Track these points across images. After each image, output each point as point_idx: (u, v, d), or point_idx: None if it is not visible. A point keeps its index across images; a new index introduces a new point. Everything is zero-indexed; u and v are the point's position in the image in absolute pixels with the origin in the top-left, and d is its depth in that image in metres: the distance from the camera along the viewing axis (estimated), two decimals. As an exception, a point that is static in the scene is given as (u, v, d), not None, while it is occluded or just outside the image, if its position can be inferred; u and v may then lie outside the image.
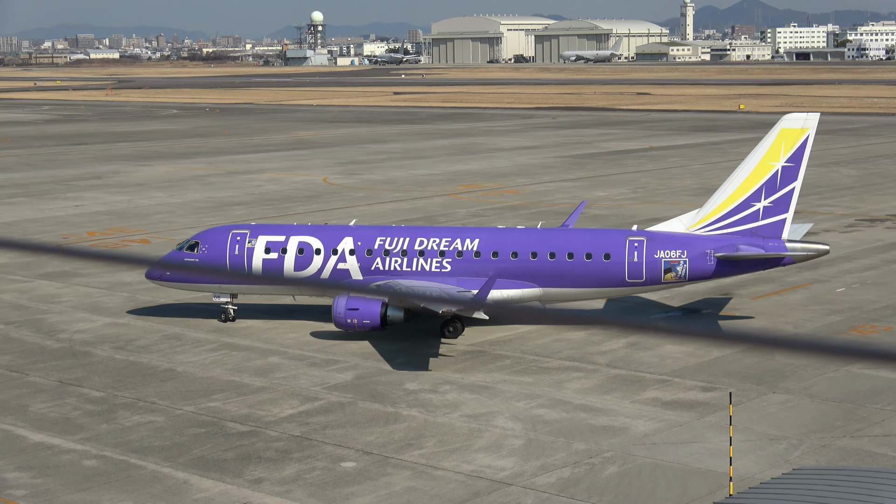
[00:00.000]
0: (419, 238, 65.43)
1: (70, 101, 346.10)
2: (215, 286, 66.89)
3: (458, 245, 64.68)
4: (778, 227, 63.95)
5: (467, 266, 64.32)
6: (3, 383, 56.25)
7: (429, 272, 64.61)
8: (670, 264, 63.14)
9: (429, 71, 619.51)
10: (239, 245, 66.25)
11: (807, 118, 64.43)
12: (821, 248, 65.50)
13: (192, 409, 51.98)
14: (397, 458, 45.69)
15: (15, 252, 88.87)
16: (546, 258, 63.96)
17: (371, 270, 65.00)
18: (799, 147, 64.07)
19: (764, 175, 64.09)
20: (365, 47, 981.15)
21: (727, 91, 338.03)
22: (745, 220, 64.05)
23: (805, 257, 65.25)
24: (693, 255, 63.24)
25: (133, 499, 42.11)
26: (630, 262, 63.25)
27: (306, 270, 65.67)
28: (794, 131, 64.16)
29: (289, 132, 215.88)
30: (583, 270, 63.66)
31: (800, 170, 64.01)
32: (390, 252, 65.06)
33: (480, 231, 69.13)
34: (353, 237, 65.98)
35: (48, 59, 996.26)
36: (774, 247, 63.55)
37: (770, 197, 63.90)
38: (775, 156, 64.09)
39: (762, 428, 48.48)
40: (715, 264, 63.42)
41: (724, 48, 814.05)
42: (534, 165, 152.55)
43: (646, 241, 63.68)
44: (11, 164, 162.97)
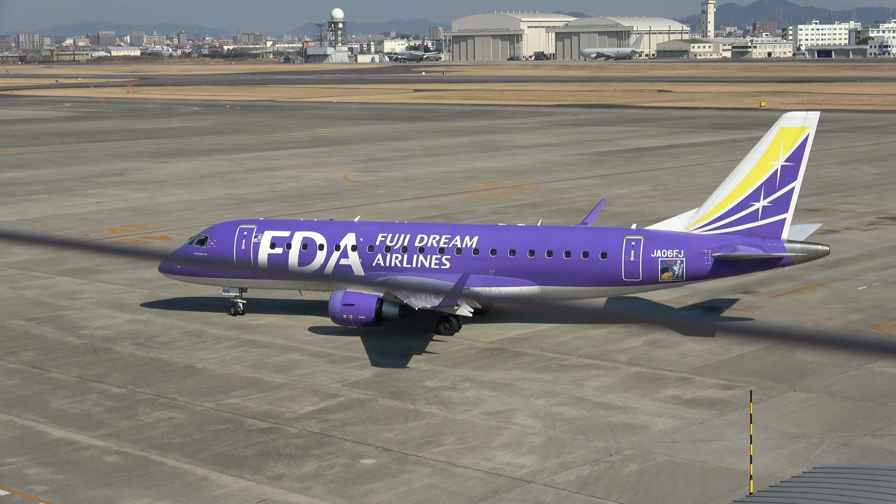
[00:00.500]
0: (420, 235, 65.83)
1: (91, 98, 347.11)
2: (223, 280, 68.03)
3: (458, 242, 65.06)
4: (777, 228, 63.01)
5: (466, 263, 64.59)
6: (24, 379, 56.47)
7: (428, 269, 65.01)
8: (667, 264, 62.62)
9: (449, 68, 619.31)
10: (245, 240, 67.29)
11: (806, 117, 63.16)
12: (820, 248, 64.23)
13: (213, 405, 52.10)
14: (417, 455, 45.70)
15: (37, 247, 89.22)
16: (543, 256, 63.97)
17: (372, 266, 65.52)
18: (798, 146, 62.91)
19: (763, 174, 63.05)
20: (385, 44, 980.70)
21: (748, 88, 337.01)
22: (745, 219, 63.13)
23: (804, 258, 64.10)
24: (690, 254, 62.60)
25: (153, 495, 42.22)
26: (627, 261, 62.91)
27: (310, 265, 66.29)
28: (793, 130, 62.98)
29: (309, 129, 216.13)
30: (579, 269, 63.51)
31: (800, 169, 62.99)
32: (391, 248, 65.57)
33: (480, 228, 69.07)
34: (356, 233, 66.63)
35: (70, 56, 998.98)
36: (773, 247, 62.58)
37: (769, 197, 62.96)
38: (774, 155, 63.02)
39: (782, 426, 48.35)
40: (712, 264, 62.63)
41: (745, 45, 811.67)
42: (554, 163, 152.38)
43: (643, 241, 63.21)
44: (34, 160, 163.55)
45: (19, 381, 56.26)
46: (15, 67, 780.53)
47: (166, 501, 41.65)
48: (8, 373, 57.67)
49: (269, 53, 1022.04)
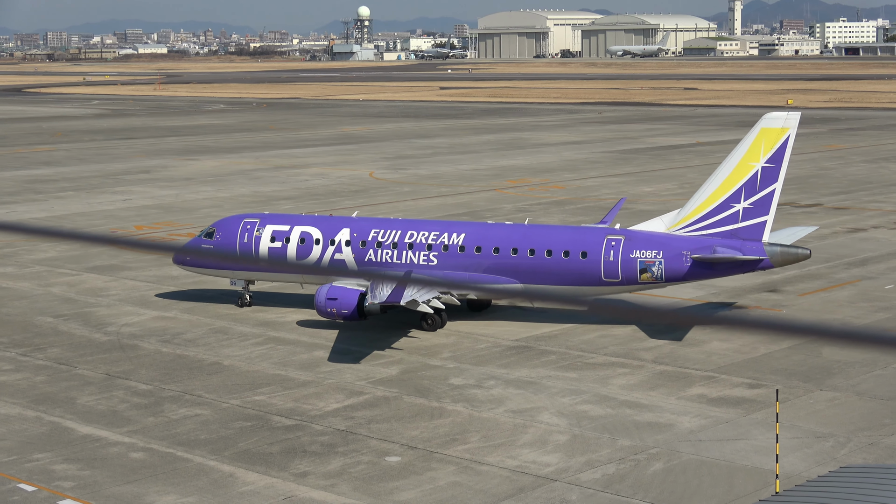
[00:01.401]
0: (410, 231, 66.59)
1: (118, 95, 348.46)
2: (229, 272, 70.00)
3: (445, 239, 65.63)
4: (758, 230, 61.77)
5: (452, 260, 65.20)
6: (51, 376, 56.74)
7: (417, 265, 65.73)
8: (645, 264, 62.08)
9: (475, 66, 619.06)
10: (248, 233, 68.97)
11: (787, 117, 61.92)
12: (800, 252, 62.72)
13: (238, 402, 52.23)
14: (442, 452, 45.72)
15: (64, 244, 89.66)
16: (526, 254, 64.06)
17: (364, 261, 66.51)
18: (779, 147, 61.62)
19: (743, 176, 61.78)
20: (411, 42, 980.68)
21: (775, 86, 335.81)
22: (725, 221, 62.03)
23: (784, 261, 62.86)
24: (668, 255, 61.94)
25: (179, 491, 42.36)
26: (606, 261, 62.60)
27: (307, 259, 67.78)
28: (773, 131, 61.69)
29: (335, 127, 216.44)
30: (560, 268, 63.45)
31: (780, 171, 61.74)
32: (382, 244, 66.46)
33: (467, 226, 69.36)
34: (350, 228, 67.79)
35: (97, 54, 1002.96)
36: (752, 249, 61.41)
37: (750, 198, 61.70)
38: (755, 156, 61.74)
39: (809, 425, 48.17)
40: (690, 265, 61.86)
41: (772, 43, 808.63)
42: (580, 160, 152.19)
43: (623, 241, 62.75)
44: (61, 158, 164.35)
45: (47, 377, 56.54)
46: (43, 65, 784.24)
47: (192, 498, 41.79)
48: (36, 369, 57.96)
49: (295, 51, 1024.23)
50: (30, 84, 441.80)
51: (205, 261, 69.79)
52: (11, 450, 46.61)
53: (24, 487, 42.82)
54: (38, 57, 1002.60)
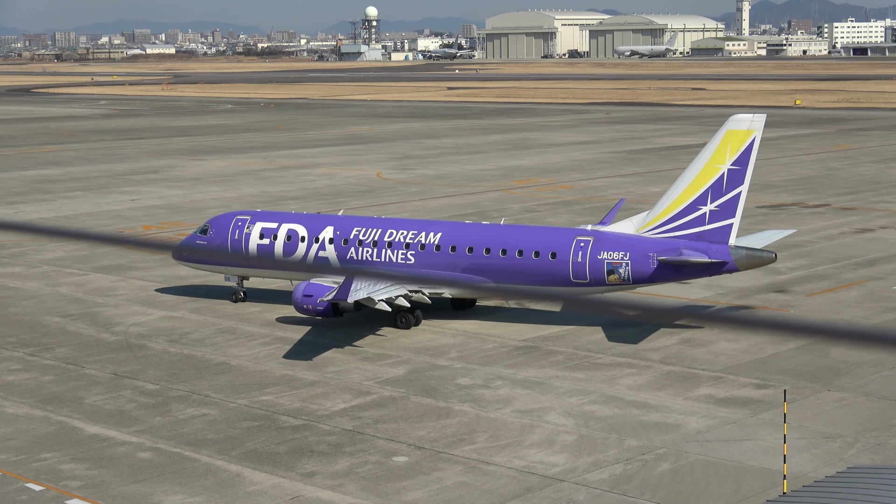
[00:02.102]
0: (390, 230, 67.32)
1: (126, 95, 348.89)
2: (222, 268, 71.14)
3: (422, 238, 66.24)
4: (724, 232, 61.28)
5: (427, 259, 65.80)
6: (59, 376, 56.82)
7: (395, 263, 66.48)
8: (613, 266, 62.01)
9: (483, 66, 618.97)
10: (239, 230, 70.18)
11: (753, 119, 61.30)
12: (765, 255, 62.20)
13: (246, 402, 52.26)
14: (449, 452, 45.71)
15: (71, 244, 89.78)
16: (498, 254, 64.37)
17: (346, 259, 67.36)
18: (745, 149, 61.04)
19: (710, 178, 61.29)
20: (419, 42, 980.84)
21: (783, 86, 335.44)
22: (692, 223, 61.66)
23: (749, 265, 62.37)
24: (635, 257, 61.77)
25: (186, 491, 42.40)
26: (574, 261, 62.64)
27: (293, 256, 68.71)
28: (739, 133, 61.12)
29: (343, 127, 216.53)
30: (530, 268, 63.65)
31: (746, 173, 61.15)
32: (363, 242, 67.27)
33: (444, 225, 69.91)
34: (334, 226, 68.65)
35: (105, 54, 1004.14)
36: (718, 252, 60.98)
37: (716, 201, 61.22)
38: (721, 158, 61.23)
39: (816, 426, 48.11)
40: (656, 267, 61.63)
41: (780, 43, 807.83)
42: (587, 161, 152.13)
43: (592, 242, 62.73)
44: (69, 158, 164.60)
45: (55, 377, 56.62)
46: (51, 65, 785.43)
47: (199, 497, 41.82)
48: (43, 369, 58.05)
49: (303, 51, 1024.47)
50: (38, 84, 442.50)
51: (199, 257, 70.64)
52: (19, 449, 46.69)
53: (32, 487, 42.89)
54: (47, 57, 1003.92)
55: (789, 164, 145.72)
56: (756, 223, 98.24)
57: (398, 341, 61.95)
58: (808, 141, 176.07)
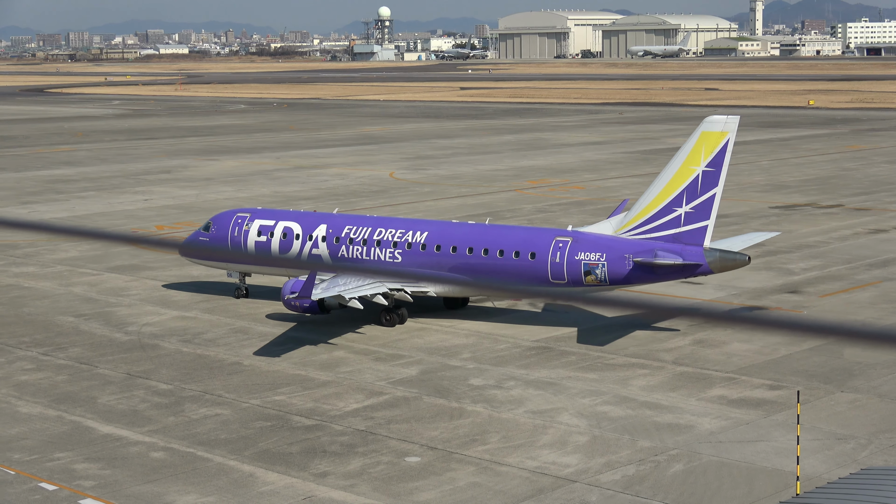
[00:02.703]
0: (379, 228, 68.18)
1: (140, 95, 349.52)
2: (223, 264, 72.18)
3: (409, 237, 66.95)
4: (699, 234, 60.97)
5: (414, 258, 66.40)
6: (72, 375, 56.94)
7: (383, 261, 67.35)
8: (589, 267, 61.92)
9: (495, 66, 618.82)
10: (238, 227, 71.46)
11: (727, 121, 60.95)
12: (738, 258, 61.83)
13: (258, 402, 52.32)
14: (461, 453, 45.71)
15: (85, 243, 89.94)
16: (480, 254, 64.75)
17: (338, 257, 68.44)
18: (719, 151, 60.72)
19: (685, 179, 60.99)
20: (432, 42, 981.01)
21: (796, 87, 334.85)
22: (668, 225, 61.35)
23: (723, 267, 61.95)
24: (611, 258, 61.64)
25: (199, 491, 42.45)
26: (552, 262, 62.73)
27: (288, 253, 69.92)
28: (714, 135, 60.76)
29: (355, 127, 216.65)
30: (511, 268, 63.89)
31: (720, 175, 60.86)
32: (353, 241, 68.17)
33: (431, 224, 70.49)
34: (327, 224, 69.62)
35: (119, 54, 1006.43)
36: (692, 255, 60.76)
37: (691, 202, 60.94)
38: (696, 160, 60.92)
39: (830, 427, 48.00)
40: (631, 269, 61.46)
41: (793, 43, 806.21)
42: (600, 161, 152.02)
43: (570, 243, 62.76)
44: (82, 158, 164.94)
45: (68, 376, 56.75)
46: (65, 65, 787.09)
47: (212, 497, 41.87)
48: (57, 368, 58.19)
49: (316, 51, 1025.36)
50: (52, 84, 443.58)
51: (202, 254, 72.48)
52: (33, 449, 46.80)
53: (46, 486, 42.98)
54: (60, 57, 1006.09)
55: (802, 164, 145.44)
56: (769, 223, 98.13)
57: (411, 342, 61.99)
58: (822, 141, 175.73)
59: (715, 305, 69.90)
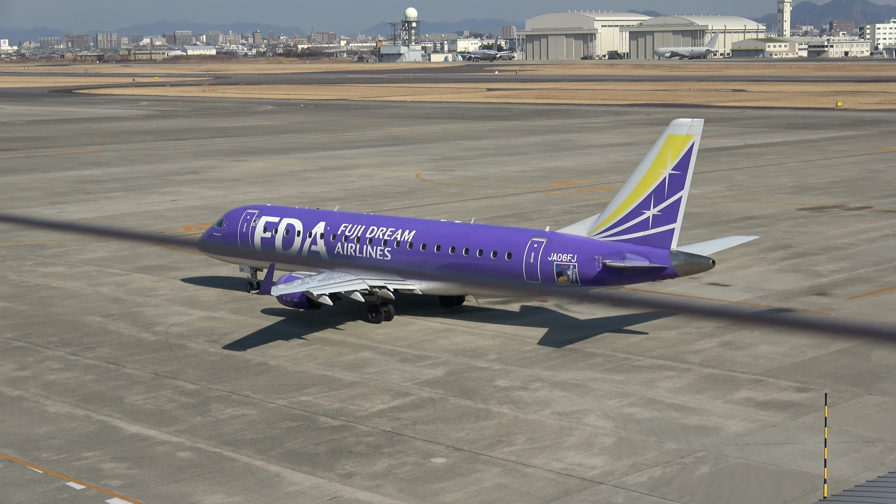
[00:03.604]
0: (371, 226, 69.40)
1: (168, 97, 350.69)
2: (235, 259, 74.87)
3: (398, 236, 68.06)
4: (666, 237, 61.05)
5: (402, 256, 67.59)
6: (100, 375, 57.18)
7: (374, 259, 68.87)
8: (561, 268, 62.19)
9: (522, 67, 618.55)
10: (247, 223, 73.33)
11: (692, 124, 61.31)
12: (702, 261, 61.58)
13: (285, 402, 52.41)
14: (487, 454, 45.68)
15: (113, 244, 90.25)
16: (462, 253, 65.52)
17: (334, 253, 69.66)
18: (685, 154, 61.07)
19: (653, 182, 61.25)
20: (458, 44, 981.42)
21: (824, 88, 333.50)
22: (637, 227, 61.51)
23: (688, 270, 61.99)
24: (582, 259, 61.89)
25: (226, 491, 42.55)
26: (527, 262, 63.21)
27: (290, 249, 71.39)
28: (679, 138, 61.16)
29: (382, 128, 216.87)
30: (489, 267, 64.60)
31: (686, 178, 61.14)
32: (348, 238, 69.45)
33: (419, 223, 71.36)
34: (325, 222, 71.09)
35: (147, 55, 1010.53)
36: (658, 257, 60.82)
37: (659, 205, 61.11)
38: (663, 163, 61.25)
39: (857, 430, 47.77)
40: (600, 271, 61.55)
41: (821, 44, 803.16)
42: (627, 162, 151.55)
43: (544, 244, 63.17)
44: (111, 158, 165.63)
45: (96, 376, 56.99)
46: (93, 66, 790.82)
47: (238, 497, 41.97)
48: (85, 368, 58.44)
49: (342, 53, 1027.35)
50: (80, 85, 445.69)
51: (216, 249, 75.28)
52: (61, 448, 47.01)
53: (73, 486, 43.17)
54: (89, 58, 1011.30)
55: (830, 166, 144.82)
56: (797, 225, 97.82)
57: (437, 343, 62.02)
58: (850, 143, 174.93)
59: (742, 307, 69.69)
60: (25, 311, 71.38)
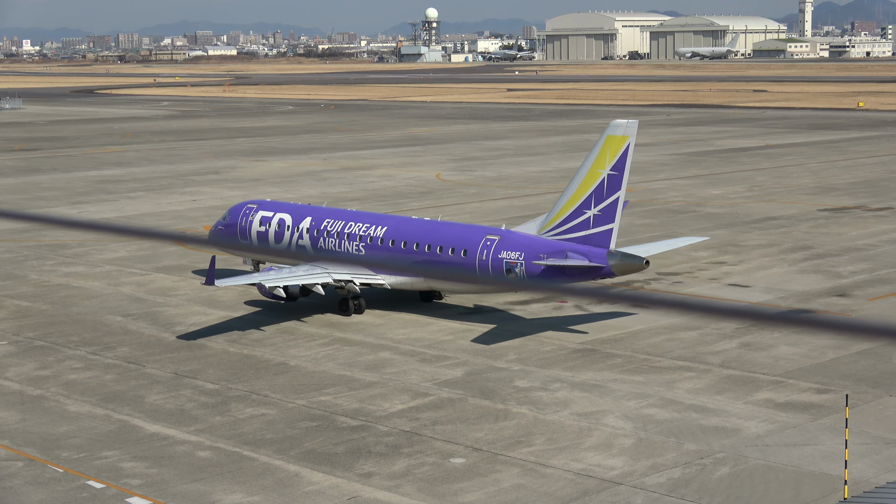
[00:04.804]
0: (350, 222, 70.84)
1: (188, 97, 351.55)
2: (237, 252, 77.29)
3: (371, 231, 69.53)
4: (605, 237, 61.75)
5: (374, 252, 68.96)
6: (120, 374, 57.35)
7: (351, 253, 70.13)
8: (510, 265, 63.02)
9: (543, 67, 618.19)
10: (245, 218, 75.36)
11: (627, 125, 62.08)
12: (636, 261, 61.91)
13: (304, 402, 52.49)
14: (506, 455, 45.67)
15: (134, 243, 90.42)
16: (424, 249, 66.88)
17: (317, 248, 71.21)
18: (622, 155, 61.73)
19: (593, 182, 61.87)
20: (479, 44, 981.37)
21: (846, 88, 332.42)
22: (579, 227, 62.19)
23: (624, 270, 62.26)
24: (528, 257, 62.68)
25: (245, 490, 42.64)
26: (479, 259, 64.27)
27: (281, 243, 73.07)
28: (616, 139, 61.87)
29: (403, 128, 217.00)
30: (447, 263, 65.85)
31: (623, 179, 61.80)
32: (329, 233, 71.03)
33: (390, 220, 73.06)
34: (311, 217, 72.76)
35: (168, 55, 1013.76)
36: (597, 257, 61.41)
37: (599, 205, 61.77)
38: (602, 163, 61.89)
39: (878, 431, 47.60)
40: (544, 269, 62.15)
41: (843, 45, 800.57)
42: (648, 163, 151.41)
43: (497, 241, 64.18)
44: (132, 158, 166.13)
45: (116, 375, 57.17)
46: (114, 67, 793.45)
47: (258, 497, 42.05)
48: (105, 368, 58.63)
49: (363, 53, 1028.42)
50: (101, 85, 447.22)
51: (221, 242, 76.89)
52: (81, 447, 47.18)
53: (93, 484, 43.31)
54: (110, 59, 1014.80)
55: (851, 166, 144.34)
56: (817, 226, 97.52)
57: (456, 343, 62.03)
58: (871, 144, 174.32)
59: (762, 307, 69.51)
60: (46, 310, 71.66)
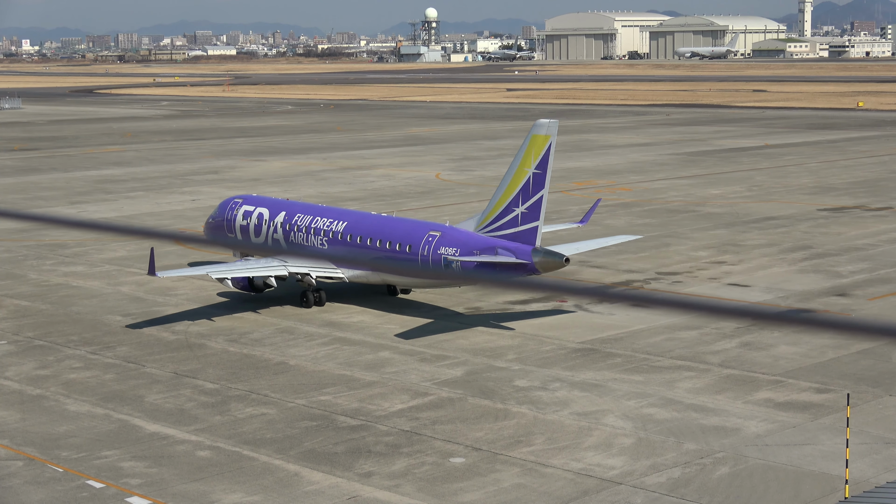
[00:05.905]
0: (316, 217, 72.52)
1: (188, 96, 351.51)
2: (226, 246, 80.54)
3: (333, 227, 71.05)
4: (532, 234, 63.07)
5: (335, 246, 70.68)
6: (120, 374, 57.33)
7: (316, 248, 71.89)
8: (448, 261, 64.06)
9: (542, 67, 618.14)
10: (231, 212, 77.03)
11: (549, 125, 63.26)
12: (556, 258, 62.73)
13: (304, 402, 52.48)
14: (506, 454, 45.66)
15: (133, 243, 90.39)
16: (376, 244, 68.28)
17: (289, 241, 72.85)
18: (544, 154, 63.12)
19: (521, 181, 63.28)
20: (478, 44, 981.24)
21: (845, 88, 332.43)
22: (509, 224, 63.54)
23: (546, 267, 62.86)
24: (464, 253, 63.94)
25: (245, 490, 42.62)
26: (421, 255, 65.55)
27: (259, 237, 74.88)
28: (540, 138, 63.15)
29: (402, 128, 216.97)
30: (395, 259, 67.43)
31: (545, 177, 63.23)
32: (299, 227, 72.65)
33: (350, 215, 74.20)
34: (285, 211, 74.38)
35: (167, 55, 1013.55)
36: (523, 254, 62.65)
37: (525, 203, 63.14)
38: (528, 162, 63.27)
39: (878, 431, 47.60)
40: (477, 265, 63.30)
41: (842, 45, 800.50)
42: (647, 162, 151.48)
43: (438, 237, 65.48)
44: (131, 158, 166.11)
45: (116, 375, 57.15)
46: (114, 66, 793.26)
47: (258, 496, 42.04)
48: (105, 367, 58.61)
49: (362, 53, 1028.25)
50: (101, 85, 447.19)
51: (211, 236, 79.20)
52: (80, 447, 47.16)
53: (93, 484, 43.30)
54: (110, 58, 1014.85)
55: (851, 166, 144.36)
56: (817, 226, 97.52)
57: (456, 343, 62.02)
58: (871, 143, 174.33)
59: (762, 307, 69.51)
60: (46, 310, 71.65)
